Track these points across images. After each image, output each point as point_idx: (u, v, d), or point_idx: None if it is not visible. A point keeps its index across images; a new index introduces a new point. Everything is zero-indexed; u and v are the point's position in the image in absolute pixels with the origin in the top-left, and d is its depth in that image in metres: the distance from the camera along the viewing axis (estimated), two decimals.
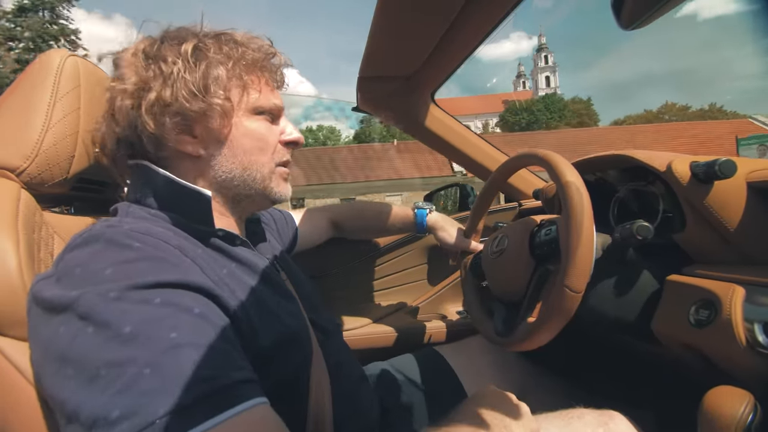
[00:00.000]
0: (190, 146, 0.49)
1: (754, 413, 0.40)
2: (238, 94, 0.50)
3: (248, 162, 0.52)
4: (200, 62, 0.47)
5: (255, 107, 0.52)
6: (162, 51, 0.48)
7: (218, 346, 0.35)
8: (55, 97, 0.53)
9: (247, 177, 0.52)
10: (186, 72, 0.46)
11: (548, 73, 60.96)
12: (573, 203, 0.54)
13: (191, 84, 0.46)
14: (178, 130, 0.48)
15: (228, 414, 0.31)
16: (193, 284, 0.38)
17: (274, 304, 0.49)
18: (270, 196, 0.55)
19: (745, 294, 0.49)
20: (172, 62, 0.47)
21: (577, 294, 0.52)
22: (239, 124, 0.51)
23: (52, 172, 0.52)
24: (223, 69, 0.49)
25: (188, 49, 0.47)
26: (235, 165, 0.51)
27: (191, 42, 0.48)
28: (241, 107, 0.51)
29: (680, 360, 0.60)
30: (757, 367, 0.46)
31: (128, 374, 0.30)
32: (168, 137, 0.47)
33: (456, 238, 0.90)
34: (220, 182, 0.52)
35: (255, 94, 0.52)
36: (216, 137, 0.50)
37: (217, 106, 0.48)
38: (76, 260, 0.37)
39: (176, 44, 0.48)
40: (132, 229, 0.40)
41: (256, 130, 0.52)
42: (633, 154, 0.68)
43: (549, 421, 0.62)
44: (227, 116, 0.49)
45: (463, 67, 0.97)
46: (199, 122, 0.48)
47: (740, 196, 0.56)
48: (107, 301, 0.33)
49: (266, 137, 0.53)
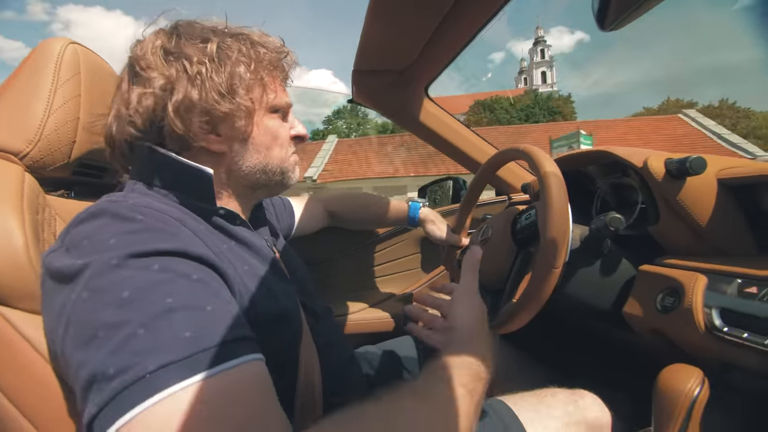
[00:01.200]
0: (216, 144, 0.51)
1: (700, 389, 0.44)
2: (258, 93, 0.52)
3: (268, 157, 0.55)
4: (225, 63, 0.48)
5: (272, 106, 0.54)
6: (183, 48, 0.48)
7: (213, 308, 0.36)
8: (56, 84, 0.54)
9: (268, 170, 0.55)
10: (213, 73, 0.47)
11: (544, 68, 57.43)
12: (550, 188, 0.58)
13: (218, 85, 0.47)
14: (206, 130, 0.49)
15: (216, 369, 0.32)
16: (193, 253, 0.39)
17: (270, 282, 0.52)
18: (287, 183, 0.59)
19: (707, 282, 0.53)
20: (198, 62, 0.47)
21: (555, 269, 0.55)
22: (259, 123, 0.53)
23: (53, 157, 0.54)
24: (246, 70, 0.50)
25: (213, 50, 0.48)
26: (258, 160, 0.54)
27: (215, 42, 0.49)
28: (261, 107, 0.53)
29: (649, 344, 0.64)
30: (713, 348, 0.50)
31: (122, 335, 0.32)
32: (195, 137, 0.48)
33: (445, 233, 0.96)
34: (242, 175, 0.54)
35: (272, 94, 0.54)
36: (239, 136, 0.52)
37: (243, 107, 0.49)
38: (84, 233, 0.39)
39: (199, 43, 0.49)
40: (135, 204, 0.42)
41: (272, 127, 0.55)
42: (613, 151, 0.71)
43: (525, 399, 0.66)
44: (250, 116, 0.51)
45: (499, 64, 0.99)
46: (225, 122, 0.50)
47: (710, 192, 0.59)
48: (109, 268, 0.35)
49: (280, 133, 0.56)
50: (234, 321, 0.37)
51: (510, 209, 0.73)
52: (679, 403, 0.43)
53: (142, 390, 0.30)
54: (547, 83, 55.40)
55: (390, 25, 0.79)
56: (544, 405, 0.64)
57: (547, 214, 0.57)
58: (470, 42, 0.92)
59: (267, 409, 0.35)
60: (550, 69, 57.03)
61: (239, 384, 0.34)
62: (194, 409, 0.30)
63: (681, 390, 0.43)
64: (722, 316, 0.49)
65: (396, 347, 0.87)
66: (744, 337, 0.46)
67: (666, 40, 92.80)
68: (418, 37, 0.83)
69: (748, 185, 0.58)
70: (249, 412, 0.33)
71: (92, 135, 0.58)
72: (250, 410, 0.33)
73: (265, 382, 0.36)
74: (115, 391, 0.30)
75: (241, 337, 0.36)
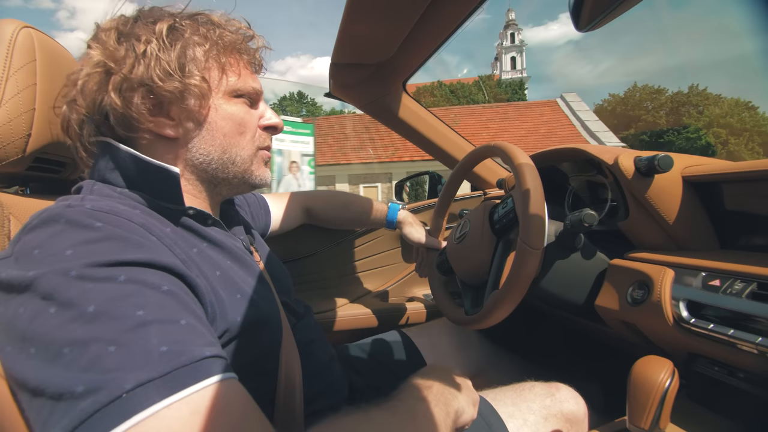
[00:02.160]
0: (167, 128, 0.48)
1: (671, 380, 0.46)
2: (215, 76, 0.50)
3: (227, 144, 0.51)
4: (176, 42, 0.46)
5: (233, 90, 0.51)
6: (135, 30, 0.46)
7: (186, 322, 0.35)
8: (8, 72, 0.50)
9: (227, 160, 0.52)
10: (161, 51, 0.45)
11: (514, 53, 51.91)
12: (524, 175, 0.60)
13: (166, 63, 0.45)
14: (154, 112, 0.47)
15: (195, 387, 0.31)
16: (159, 263, 0.37)
17: (246, 286, 0.50)
18: (250, 180, 0.55)
19: (674, 276, 0.55)
20: (145, 41, 0.45)
21: (536, 251, 0.56)
22: (218, 107, 0.50)
23: (6, 151, 0.50)
24: (200, 50, 0.48)
25: (163, 29, 0.46)
26: (214, 147, 0.51)
27: (166, 21, 0.47)
28: (220, 90, 0.50)
29: (620, 335, 0.67)
30: (680, 339, 0.53)
31: (92, 352, 0.30)
32: (141, 118, 0.46)
33: (424, 236, 0.95)
34: (197, 164, 0.51)
35: (233, 76, 0.51)
36: (193, 119, 0.49)
37: (194, 87, 0.47)
38: (35, 241, 0.36)
39: (150, 23, 0.47)
40: (94, 208, 0.39)
41: (234, 113, 0.52)
42: (585, 148, 0.73)
43: (503, 393, 0.67)
44: (204, 97, 0.48)
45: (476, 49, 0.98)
46: (175, 103, 0.47)
47: (676, 189, 0.62)
48: (68, 280, 0.32)
49: (245, 120, 0.53)
50: (207, 337, 0.36)
51: (485, 203, 0.75)
52: (651, 393, 0.45)
53: (119, 411, 0.28)
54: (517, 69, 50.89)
55: (369, 19, 0.77)
56: (522, 399, 0.66)
57: (524, 199, 0.58)
58: (450, 37, 0.92)
59: (252, 422, 0.33)
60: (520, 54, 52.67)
61: (220, 400, 0.32)
62: (178, 429, 0.29)
63: (653, 381, 0.45)
64: (688, 308, 0.52)
65: (377, 344, 0.87)
66: (709, 328, 0.49)
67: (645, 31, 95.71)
68: (398, 31, 0.82)
69: (710, 183, 0.61)
70: (235, 427, 0.31)
71: (50, 127, 0.54)
72: (235, 425, 0.32)
73: (245, 396, 0.35)
74: (87, 413, 0.28)
75: (215, 355, 0.35)
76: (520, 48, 52.34)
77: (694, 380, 0.54)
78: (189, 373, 0.31)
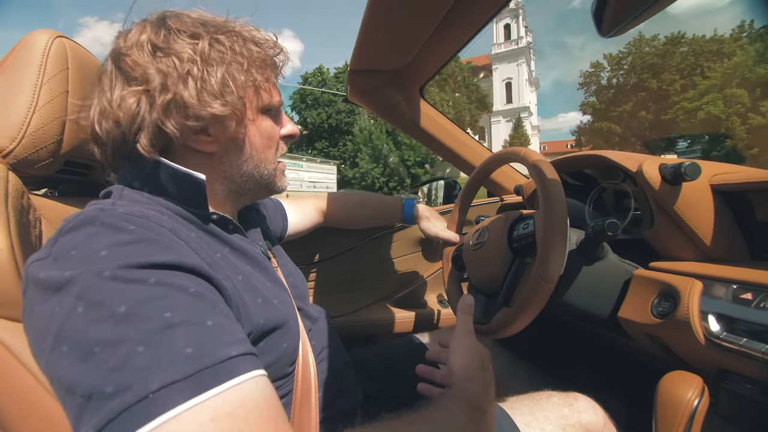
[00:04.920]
0: (206, 145, 0.49)
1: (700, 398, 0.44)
2: (250, 94, 0.51)
3: (259, 159, 0.53)
4: (218, 63, 0.46)
5: (264, 106, 0.53)
6: (173, 45, 0.46)
7: (213, 323, 0.35)
8: (42, 79, 0.52)
9: (257, 173, 0.54)
10: (205, 73, 0.45)
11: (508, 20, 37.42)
12: (550, 202, 0.58)
13: (211, 86, 0.45)
14: (194, 129, 0.47)
15: (217, 390, 0.31)
16: (187, 265, 0.38)
17: (266, 291, 0.50)
18: (273, 189, 0.57)
19: (702, 288, 0.53)
20: (189, 60, 0.45)
21: (550, 284, 0.56)
22: (251, 123, 0.51)
23: (39, 155, 0.52)
24: (239, 70, 0.48)
25: (206, 47, 0.46)
26: (247, 162, 0.52)
27: (206, 39, 0.46)
28: (253, 106, 0.51)
29: (643, 348, 0.64)
30: (710, 354, 0.51)
31: (122, 352, 0.30)
32: (182, 136, 0.46)
33: (441, 229, 0.95)
34: (228, 177, 0.52)
35: (265, 93, 0.52)
36: (231, 136, 0.50)
37: (235, 109, 0.48)
38: (72, 242, 0.37)
39: (189, 38, 0.46)
40: (126, 212, 0.40)
41: (266, 128, 0.53)
42: (608, 155, 0.71)
43: (520, 402, 0.66)
44: (242, 117, 0.49)
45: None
46: (216, 123, 0.48)
47: (704, 198, 0.60)
48: (102, 281, 0.33)
49: (273, 134, 0.55)
50: (234, 336, 0.36)
51: (507, 215, 0.73)
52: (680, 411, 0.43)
53: (145, 411, 0.29)
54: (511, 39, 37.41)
55: (388, 26, 0.78)
56: (539, 408, 0.65)
57: (547, 229, 0.57)
58: (467, 44, 0.92)
59: (277, 425, 0.33)
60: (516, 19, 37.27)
61: (246, 401, 0.32)
62: (201, 430, 0.29)
63: (682, 398, 0.44)
64: (718, 322, 0.50)
65: (391, 350, 0.86)
66: (741, 343, 0.47)
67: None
68: (416, 38, 0.83)
69: (739, 191, 0.59)
70: (258, 429, 0.31)
71: (79, 132, 0.56)
72: (260, 427, 0.32)
73: (272, 398, 0.35)
74: (115, 413, 0.29)
75: (243, 353, 0.35)
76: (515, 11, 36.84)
77: (724, 398, 0.52)
78: (213, 375, 0.32)
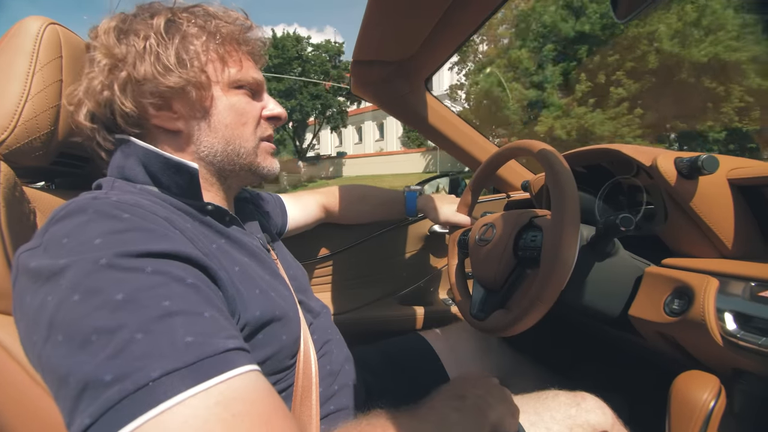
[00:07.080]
0: (170, 122, 0.49)
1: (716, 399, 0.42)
2: (215, 67, 0.50)
3: (230, 136, 0.52)
4: (174, 36, 0.47)
5: (234, 81, 0.52)
6: (134, 26, 0.47)
7: (210, 315, 0.35)
8: (34, 67, 0.50)
9: (231, 151, 0.52)
10: (159, 46, 0.46)
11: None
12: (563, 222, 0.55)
13: (165, 58, 0.46)
14: (157, 106, 0.47)
15: (220, 378, 0.31)
16: (183, 254, 0.37)
17: (264, 282, 0.49)
18: (257, 171, 0.56)
19: (718, 285, 0.51)
20: (144, 37, 0.46)
21: (544, 305, 0.55)
22: (219, 99, 0.51)
23: (32, 145, 0.50)
24: (198, 42, 0.48)
25: (161, 23, 0.46)
26: (217, 140, 0.51)
27: (163, 15, 0.47)
28: (220, 81, 0.51)
29: (655, 348, 0.62)
30: (726, 354, 0.49)
31: (120, 339, 0.30)
32: (146, 114, 0.47)
33: (450, 213, 0.92)
34: (203, 157, 0.52)
35: (234, 68, 0.52)
36: (196, 112, 0.49)
37: (195, 80, 0.47)
38: (63, 231, 0.36)
39: (148, 18, 0.47)
40: (120, 201, 0.39)
41: (236, 104, 0.52)
42: (620, 149, 0.69)
43: (525, 401, 0.64)
44: (205, 90, 0.49)
45: None
46: (177, 97, 0.48)
47: (721, 192, 0.58)
48: (98, 269, 0.32)
49: (247, 111, 0.53)
50: (230, 330, 0.35)
51: (517, 217, 0.70)
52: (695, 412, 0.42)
53: (145, 399, 0.28)
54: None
55: (392, 16, 0.76)
56: (545, 408, 0.63)
57: (554, 253, 0.55)
58: (473, 34, 0.90)
59: (278, 414, 0.33)
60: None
61: (245, 391, 0.32)
62: (202, 419, 0.28)
63: (697, 399, 0.42)
64: (735, 321, 0.48)
65: (394, 347, 0.85)
66: (760, 343, 0.45)
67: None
68: (421, 29, 0.81)
69: (758, 186, 0.57)
70: (260, 419, 0.31)
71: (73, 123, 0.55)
72: (261, 417, 0.31)
73: (269, 389, 0.34)
74: (113, 401, 0.28)
75: (238, 347, 0.34)
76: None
77: (741, 399, 0.50)
78: (213, 364, 0.31)
